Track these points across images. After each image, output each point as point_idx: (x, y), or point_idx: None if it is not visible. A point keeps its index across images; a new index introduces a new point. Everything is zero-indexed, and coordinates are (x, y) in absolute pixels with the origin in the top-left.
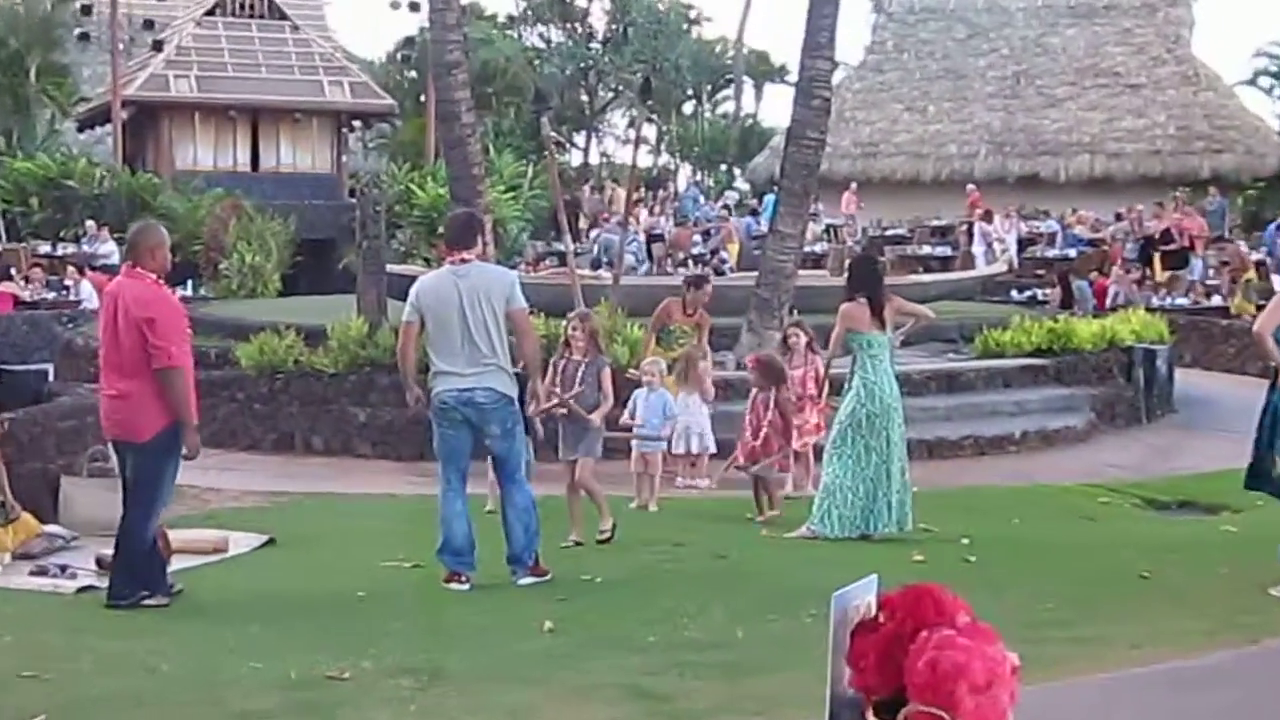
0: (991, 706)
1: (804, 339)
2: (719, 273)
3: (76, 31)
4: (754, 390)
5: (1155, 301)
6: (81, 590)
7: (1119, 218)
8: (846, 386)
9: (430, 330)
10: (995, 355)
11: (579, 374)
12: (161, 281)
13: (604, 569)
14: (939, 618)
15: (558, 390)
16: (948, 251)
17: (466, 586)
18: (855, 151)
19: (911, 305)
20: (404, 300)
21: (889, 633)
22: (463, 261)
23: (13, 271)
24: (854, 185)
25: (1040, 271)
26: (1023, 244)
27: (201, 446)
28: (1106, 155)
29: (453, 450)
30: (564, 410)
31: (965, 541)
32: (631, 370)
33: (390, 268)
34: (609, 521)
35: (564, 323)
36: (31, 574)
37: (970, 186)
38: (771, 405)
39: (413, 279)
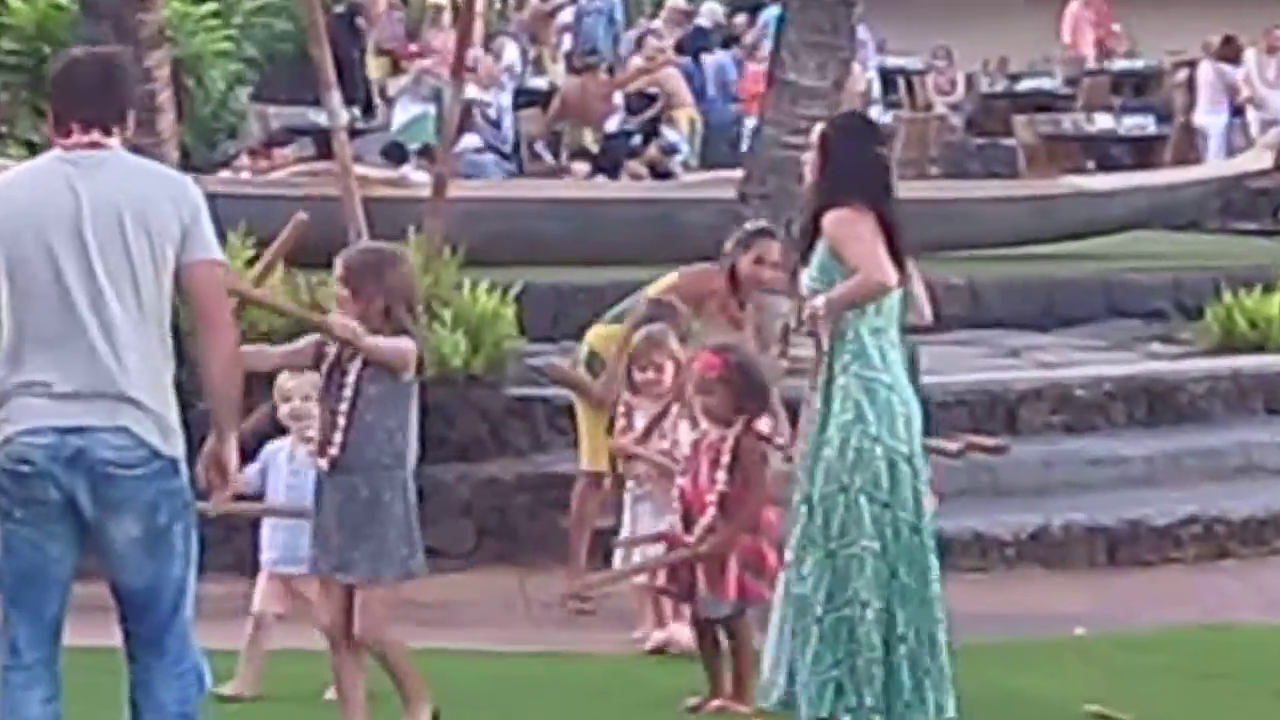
0: None
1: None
2: (661, 173)
3: None
4: (698, 429)
5: None
6: None
7: None
8: (822, 401)
9: (6, 289)
10: (1250, 347)
11: (350, 382)
12: None
13: None
14: None
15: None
16: (1148, 125)
17: None
18: None
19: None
20: None
21: None
22: (93, 146)
23: None
24: None
25: None
26: None
27: None
28: None
29: (30, 574)
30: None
31: None
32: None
33: None
34: (426, 715)
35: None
36: None
37: None
38: (726, 460)
39: None
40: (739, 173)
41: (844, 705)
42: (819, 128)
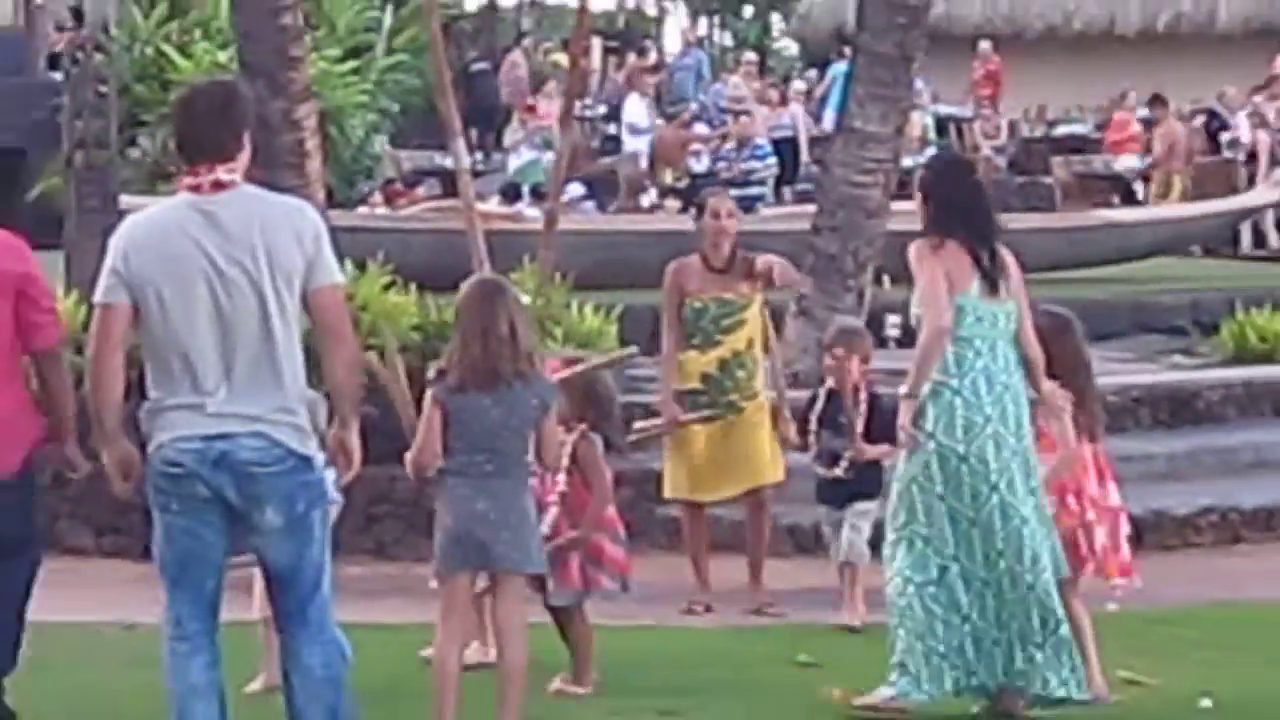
0: None
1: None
2: (746, 208)
3: None
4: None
5: None
6: None
7: None
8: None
9: (151, 323)
10: (1259, 358)
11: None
12: None
13: None
14: None
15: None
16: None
17: None
18: None
19: (1023, 296)
20: None
21: None
22: (216, 187)
23: None
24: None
25: None
26: None
27: None
28: None
29: (188, 557)
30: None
31: (1207, 704)
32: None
33: (127, 200)
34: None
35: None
36: None
37: (984, 45)
38: (565, 463)
39: None
40: (812, 208)
41: (901, 676)
42: (927, 172)
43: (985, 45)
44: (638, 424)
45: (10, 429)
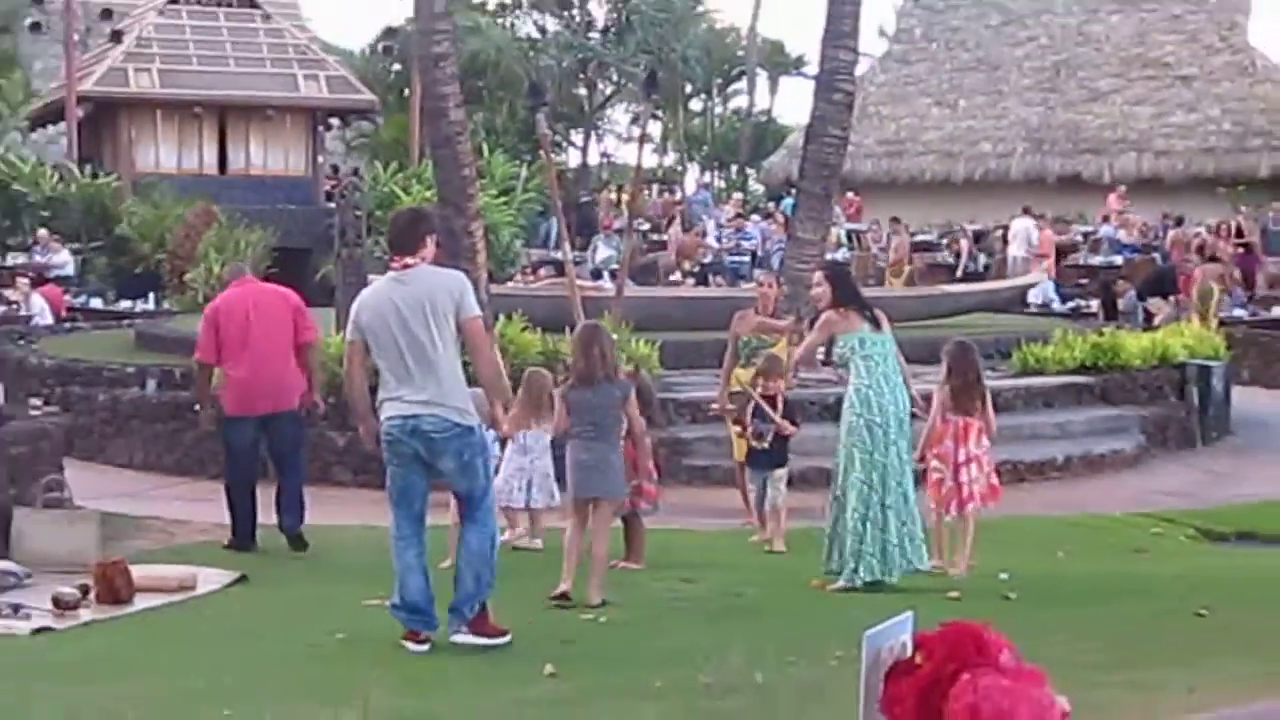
0: None
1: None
2: (731, 284)
3: (27, 20)
4: None
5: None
6: (37, 632)
7: (1179, 222)
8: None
9: (373, 350)
10: (1035, 372)
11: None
12: None
13: (608, 608)
14: (981, 658)
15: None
16: (982, 260)
17: (425, 647)
18: (879, 150)
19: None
20: None
21: (927, 675)
22: (405, 267)
23: None
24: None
25: (1082, 280)
26: (1062, 252)
27: (167, 476)
28: (1155, 153)
29: (404, 490)
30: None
31: (1004, 577)
32: (714, 407)
33: (373, 279)
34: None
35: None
36: None
37: (850, 195)
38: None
39: None
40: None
41: (851, 570)
42: (826, 271)
43: (850, 194)
44: (714, 406)
45: (292, 385)
